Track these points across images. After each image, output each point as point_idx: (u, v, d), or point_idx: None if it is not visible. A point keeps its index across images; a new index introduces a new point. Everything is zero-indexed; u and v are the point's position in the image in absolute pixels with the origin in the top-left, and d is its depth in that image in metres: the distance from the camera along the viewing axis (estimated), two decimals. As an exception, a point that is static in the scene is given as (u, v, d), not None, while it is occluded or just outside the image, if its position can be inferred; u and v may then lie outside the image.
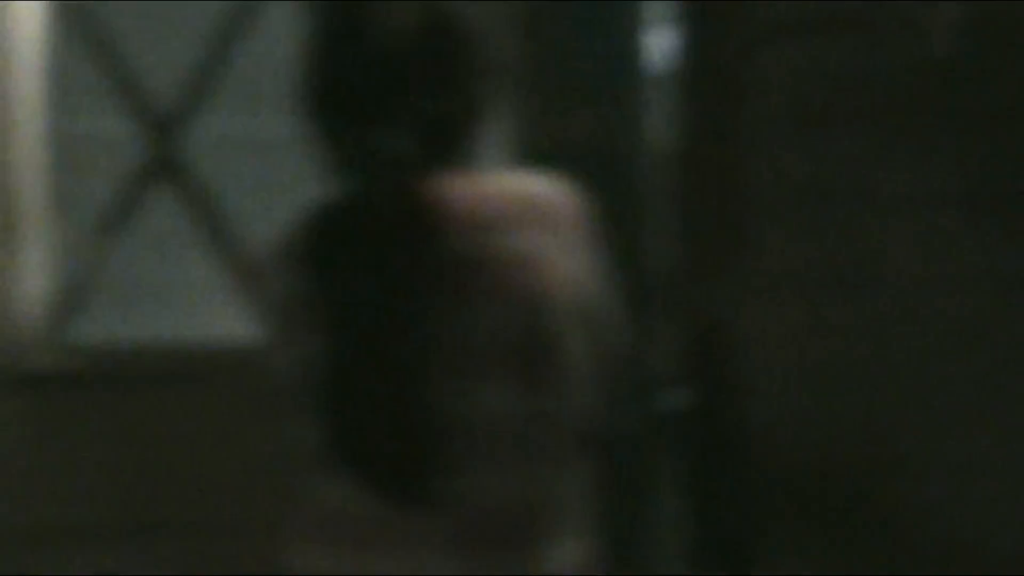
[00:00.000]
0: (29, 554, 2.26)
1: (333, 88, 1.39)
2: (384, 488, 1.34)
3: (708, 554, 2.43)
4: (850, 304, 2.43)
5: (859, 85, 2.41)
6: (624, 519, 2.40)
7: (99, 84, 2.38)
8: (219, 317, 2.40)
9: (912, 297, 2.36)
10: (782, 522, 2.41)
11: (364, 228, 1.37)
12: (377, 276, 1.36)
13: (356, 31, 1.39)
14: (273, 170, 2.47)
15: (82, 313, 2.35)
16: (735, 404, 2.42)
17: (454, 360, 1.36)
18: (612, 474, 1.59)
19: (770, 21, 2.39)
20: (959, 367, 2.32)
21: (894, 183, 2.38)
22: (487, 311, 1.38)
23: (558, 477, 1.40)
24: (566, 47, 2.31)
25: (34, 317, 2.31)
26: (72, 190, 2.38)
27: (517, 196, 1.41)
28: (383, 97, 1.39)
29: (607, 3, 2.34)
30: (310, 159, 2.40)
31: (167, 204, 2.38)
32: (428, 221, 1.38)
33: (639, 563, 2.42)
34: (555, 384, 1.40)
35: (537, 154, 2.37)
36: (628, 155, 2.39)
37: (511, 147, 2.29)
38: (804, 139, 2.43)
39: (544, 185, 1.44)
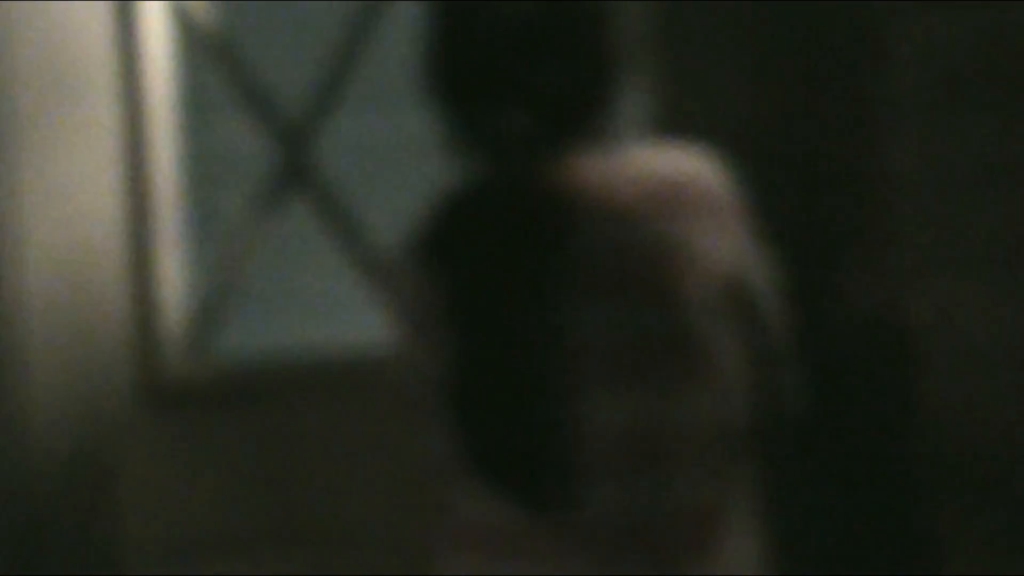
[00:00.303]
0: (176, 564, 2.34)
1: (457, 67, 1.34)
2: (521, 497, 1.30)
3: (889, 551, 2.30)
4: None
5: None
6: (788, 518, 2.28)
7: (229, 100, 2.43)
8: (355, 323, 2.40)
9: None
10: (962, 514, 2.24)
11: (493, 219, 1.32)
12: (509, 272, 1.31)
13: (476, 7, 1.34)
14: (406, 170, 2.44)
15: (222, 324, 2.40)
16: (909, 392, 2.26)
17: (594, 362, 1.31)
18: (774, 473, 1.49)
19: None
20: None
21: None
22: (632, 308, 1.32)
23: (710, 482, 1.33)
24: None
25: (175, 330, 2.37)
26: (209, 204, 2.43)
27: (662, 177, 1.33)
28: (509, 73, 1.33)
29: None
30: (441, 157, 2.36)
31: (301, 212, 2.40)
32: (564, 209, 1.31)
33: (807, 562, 2.30)
34: (705, 386, 1.34)
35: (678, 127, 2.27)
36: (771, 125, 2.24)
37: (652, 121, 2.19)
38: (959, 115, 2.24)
39: (691, 163, 1.37)
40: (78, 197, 2.31)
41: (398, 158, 2.47)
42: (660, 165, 1.35)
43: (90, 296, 2.30)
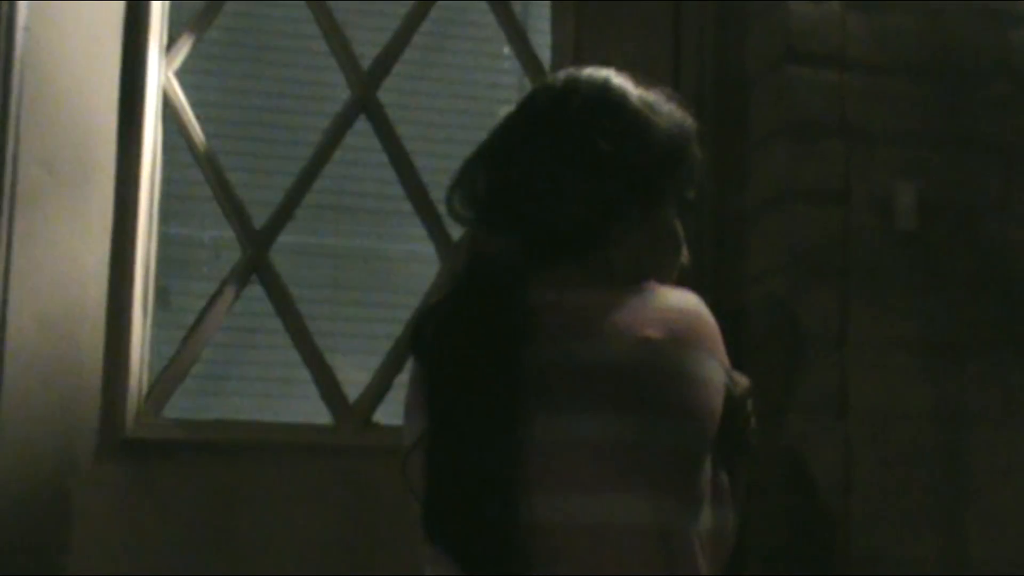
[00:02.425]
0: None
1: (478, 195, 1.47)
2: (470, 569, 1.34)
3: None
4: None
5: None
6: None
7: (202, 196, 2.76)
8: (296, 402, 2.75)
9: None
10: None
11: (468, 324, 1.39)
12: (475, 373, 1.37)
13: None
14: (345, 277, 2.81)
15: (180, 390, 2.71)
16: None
17: (550, 469, 1.35)
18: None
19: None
20: None
21: None
22: (589, 418, 1.36)
23: None
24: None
25: (139, 394, 2.67)
26: (175, 286, 2.74)
27: (666, 308, 1.40)
28: (510, 205, 1.45)
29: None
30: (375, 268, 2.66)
31: (256, 302, 2.75)
32: (525, 324, 1.38)
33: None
34: (670, 495, 1.37)
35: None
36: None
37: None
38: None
39: (691, 298, 1.43)
40: (66, 267, 2.57)
41: (341, 265, 2.84)
42: (665, 299, 1.42)
43: (67, 356, 2.54)
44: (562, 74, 1.55)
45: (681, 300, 1.43)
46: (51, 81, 2.58)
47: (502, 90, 2.96)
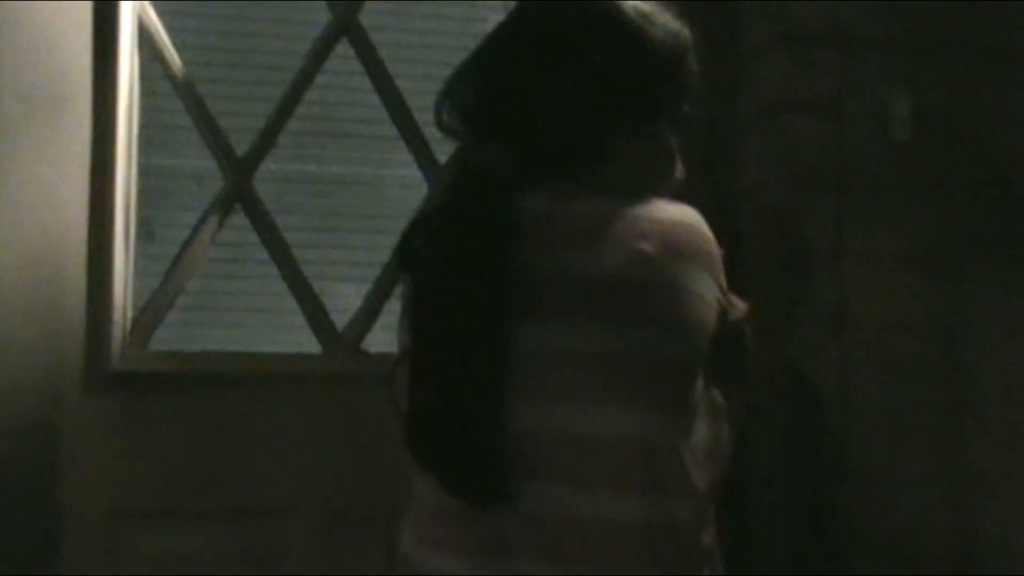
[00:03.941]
0: (115, 533, 2.59)
1: (467, 107, 1.45)
2: (459, 489, 1.34)
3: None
4: None
5: None
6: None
7: (182, 125, 2.71)
8: (284, 331, 2.71)
9: None
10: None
11: (453, 233, 1.36)
12: (459, 282, 1.34)
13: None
14: (330, 203, 2.77)
15: (164, 325, 2.68)
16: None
17: (534, 378, 1.34)
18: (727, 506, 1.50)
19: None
20: None
21: None
22: (577, 329, 1.34)
23: (652, 503, 1.34)
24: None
25: (124, 327, 2.64)
26: (160, 217, 2.70)
27: (661, 220, 1.37)
28: (501, 117, 1.43)
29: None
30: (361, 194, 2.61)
31: (241, 232, 2.70)
32: (513, 233, 1.36)
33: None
34: (671, 413, 1.36)
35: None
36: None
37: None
38: None
39: (688, 212, 1.41)
40: (44, 201, 2.52)
41: (322, 191, 2.79)
42: (660, 211, 1.39)
43: (49, 291, 2.50)
44: None
45: (677, 213, 1.40)
46: (23, 10, 2.52)
47: (484, 9, 2.89)
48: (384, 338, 2.74)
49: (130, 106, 2.65)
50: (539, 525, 1.33)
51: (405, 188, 2.79)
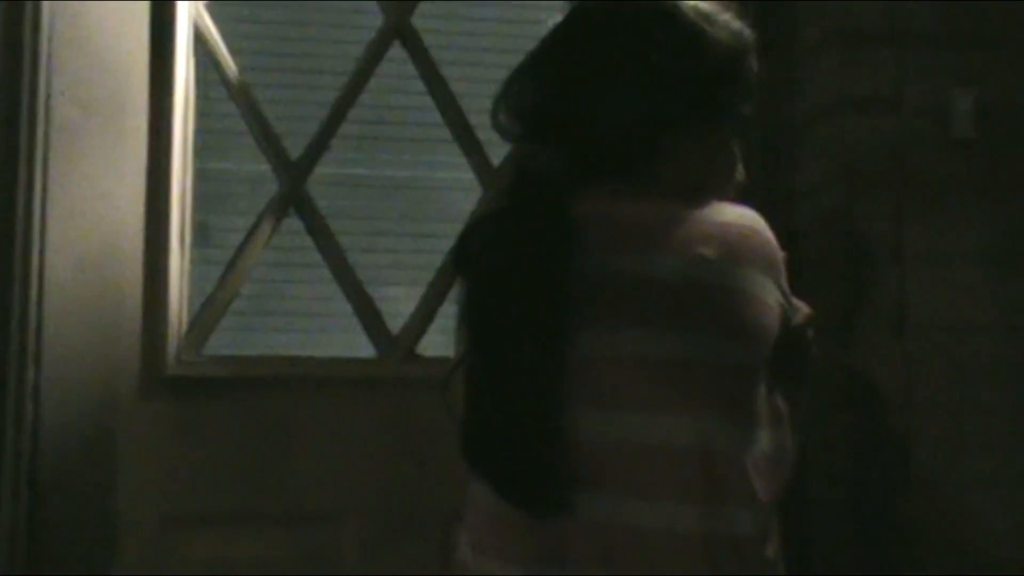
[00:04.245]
0: (170, 537, 2.58)
1: (524, 108, 1.44)
2: (516, 498, 1.31)
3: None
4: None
5: None
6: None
7: (237, 129, 2.71)
8: (339, 335, 2.70)
9: None
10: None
11: (508, 237, 1.35)
12: (517, 287, 1.32)
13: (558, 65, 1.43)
14: (384, 207, 2.76)
15: (219, 329, 2.67)
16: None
17: (593, 385, 1.31)
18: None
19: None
20: None
21: None
22: (638, 334, 1.31)
23: (712, 513, 1.30)
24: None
25: (180, 332, 2.64)
26: (212, 221, 2.70)
27: (723, 224, 1.35)
28: (558, 119, 1.41)
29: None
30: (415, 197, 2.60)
31: (295, 236, 2.70)
32: (572, 237, 1.34)
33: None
34: (730, 419, 1.32)
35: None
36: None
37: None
38: None
39: (751, 217, 1.38)
40: (102, 206, 2.54)
41: (378, 195, 2.79)
42: (721, 215, 1.36)
43: (106, 295, 2.51)
44: None
45: (738, 216, 1.37)
46: (81, 16, 2.54)
47: (539, 11, 2.87)
48: (439, 342, 2.72)
49: (186, 111, 2.65)
50: (596, 534, 1.30)
51: (458, 191, 2.78)
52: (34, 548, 2.45)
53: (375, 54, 2.76)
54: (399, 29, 2.77)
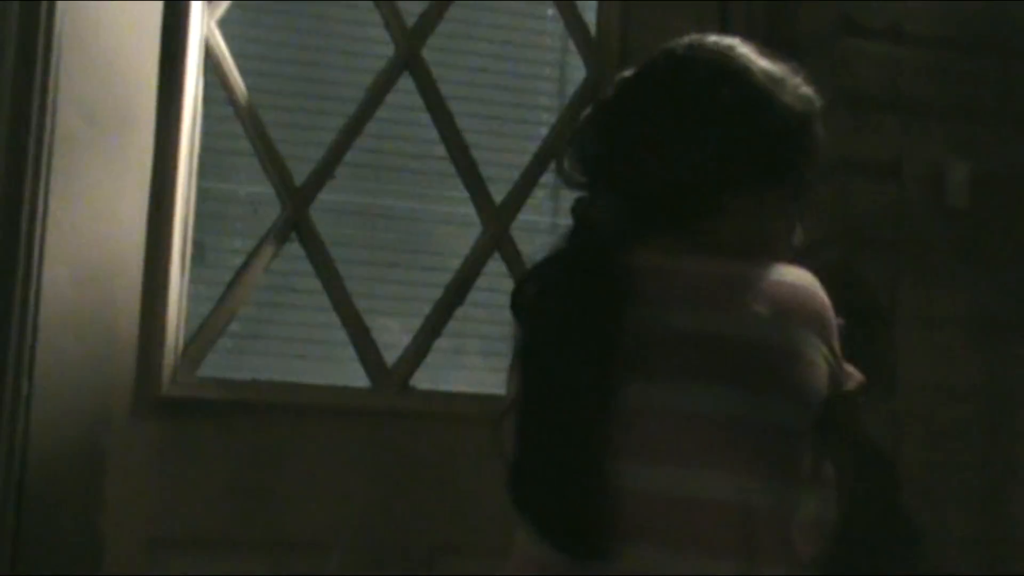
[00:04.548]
0: (155, 560, 2.54)
1: (588, 158, 1.47)
2: (562, 544, 1.33)
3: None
4: None
5: None
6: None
7: (241, 150, 2.69)
8: (333, 364, 2.69)
9: None
10: None
11: (561, 285, 1.37)
12: (571, 336, 1.34)
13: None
14: (385, 238, 2.76)
15: (214, 352, 2.65)
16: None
17: (639, 438, 1.33)
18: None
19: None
20: None
21: None
22: (687, 389, 1.33)
23: (748, 571, 1.32)
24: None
25: (176, 352, 2.61)
26: (211, 241, 2.67)
27: (778, 284, 1.36)
28: (614, 167, 1.44)
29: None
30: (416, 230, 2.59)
31: (294, 261, 2.68)
32: (625, 288, 1.36)
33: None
34: (775, 478, 1.33)
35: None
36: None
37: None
38: None
39: (805, 277, 1.40)
40: (103, 219, 2.50)
41: (380, 225, 2.78)
42: (775, 274, 1.38)
43: (102, 311, 2.47)
44: (685, 40, 1.52)
45: (792, 276, 1.38)
46: (92, 28, 2.50)
47: (545, 51, 2.90)
48: (433, 375, 2.73)
49: (193, 129, 2.63)
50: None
51: (458, 226, 2.79)
52: (18, 563, 2.41)
53: (384, 84, 2.76)
54: (409, 61, 2.78)
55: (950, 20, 2.68)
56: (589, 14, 2.90)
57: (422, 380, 2.73)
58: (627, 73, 1.53)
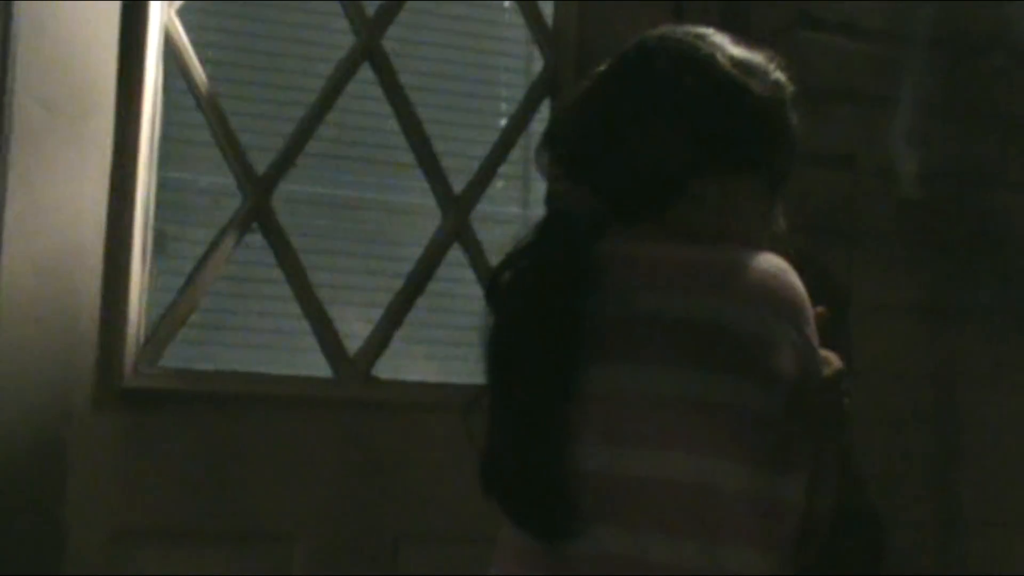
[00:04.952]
0: (118, 552, 2.53)
1: (562, 149, 1.49)
2: (530, 525, 1.36)
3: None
4: None
5: None
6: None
7: (201, 140, 2.67)
8: (296, 354, 2.68)
9: None
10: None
11: (528, 272, 1.39)
12: (536, 320, 1.37)
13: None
14: (346, 228, 2.76)
15: (176, 342, 2.63)
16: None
17: (599, 420, 1.35)
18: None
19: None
20: None
21: None
22: (650, 372, 1.35)
23: (713, 551, 1.33)
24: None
25: (137, 343, 2.59)
26: (172, 232, 2.66)
27: (749, 269, 1.36)
28: (594, 160, 1.45)
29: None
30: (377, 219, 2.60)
31: (256, 251, 2.67)
32: (590, 274, 1.38)
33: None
34: (739, 461, 1.34)
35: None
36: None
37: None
38: None
39: (777, 263, 1.40)
40: (63, 209, 2.47)
41: (341, 215, 2.78)
42: (744, 258, 1.39)
43: (63, 301, 2.45)
44: (658, 30, 1.54)
45: (764, 262, 1.38)
46: (50, 17, 2.47)
47: (505, 43, 2.92)
48: (395, 365, 2.74)
49: (153, 118, 2.61)
50: (601, 567, 1.33)
51: (419, 215, 2.80)
52: (-22, 558, 2.39)
53: (344, 74, 2.76)
54: (369, 50, 2.78)
55: (902, 14, 2.74)
56: (547, 6, 2.92)
57: (384, 370, 2.74)
58: (602, 65, 1.54)
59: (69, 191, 2.49)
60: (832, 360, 1.49)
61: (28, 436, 2.43)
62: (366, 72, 2.79)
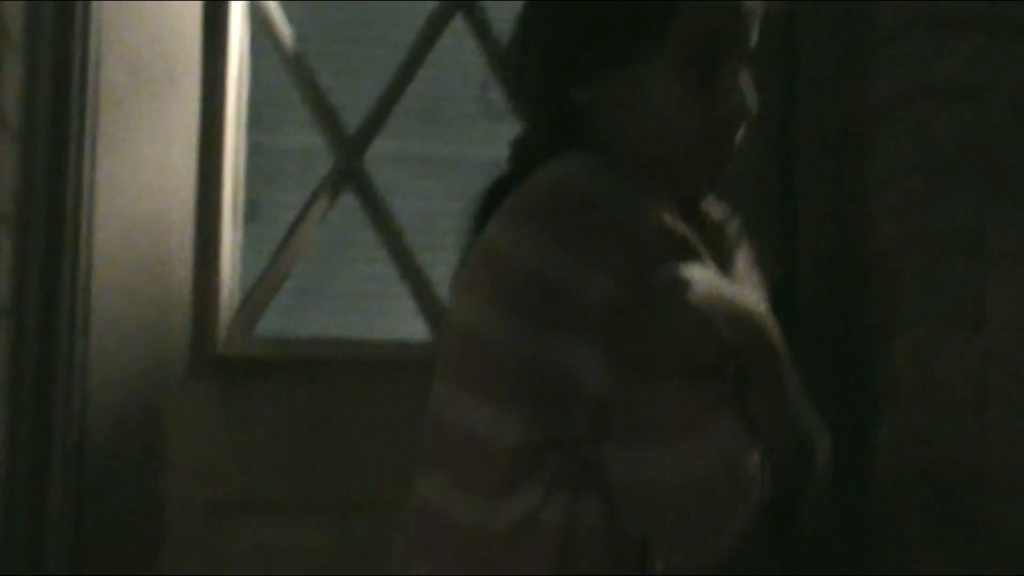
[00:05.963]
0: (216, 523, 2.51)
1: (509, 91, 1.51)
2: None
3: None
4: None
5: None
6: None
7: (289, 101, 2.62)
8: (393, 318, 2.62)
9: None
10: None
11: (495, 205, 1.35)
12: None
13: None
14: (442, 185, 2.67)
15: (271, 309, 2.59)
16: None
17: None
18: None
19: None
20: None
21: None
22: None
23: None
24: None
25: (230, 310, 2.55)
26: (264, 196, 2.61)
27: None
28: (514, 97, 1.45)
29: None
30: (474, 176, 2.56)
31: (350, 213, 2.61)
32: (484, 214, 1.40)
33: None
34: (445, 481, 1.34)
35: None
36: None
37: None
38: None
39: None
40: (152, 176, 2.47)
41: (434, 172, 2.69)
42: (503, 218, 1.31)
43: (155, 270, 2.45)
44: None
45: (513, 206, 1.31)
46: (131, -21, 2.45)
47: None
48: (495, 326, 2.63)
49: (239, 80, 2.56)
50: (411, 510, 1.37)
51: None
52: (81, 526, 2.40)
53: (436, 25, 2.66)
54: (463, 1, 2.67)
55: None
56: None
57: (485, 332, 2.64)
58: None
59: (157, 158, 2.48)
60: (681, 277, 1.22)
61: (124, 406, 2.44)
62: (459, 23, 2.68)
